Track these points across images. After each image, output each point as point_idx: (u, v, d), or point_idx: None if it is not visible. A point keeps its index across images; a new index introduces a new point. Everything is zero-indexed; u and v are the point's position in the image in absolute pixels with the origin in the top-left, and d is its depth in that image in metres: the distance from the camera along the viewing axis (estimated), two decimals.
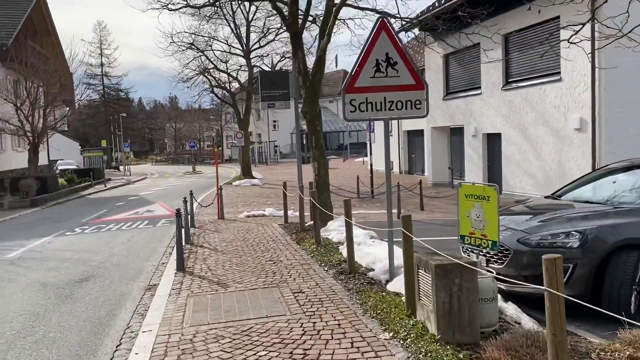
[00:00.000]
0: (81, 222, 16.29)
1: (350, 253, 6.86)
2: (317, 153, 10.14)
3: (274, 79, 11.31)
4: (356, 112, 6.05)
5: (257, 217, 14.21)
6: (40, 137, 25.80)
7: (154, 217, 16.58)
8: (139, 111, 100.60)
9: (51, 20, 32.63)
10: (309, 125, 10.14)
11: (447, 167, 24.08)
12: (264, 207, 17.05)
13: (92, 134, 71.97)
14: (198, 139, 77.41)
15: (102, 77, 68.03)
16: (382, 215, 14.17)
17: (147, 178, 43.07)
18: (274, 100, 11.35)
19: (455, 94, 22.10)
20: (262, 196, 21.95)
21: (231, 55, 31.61)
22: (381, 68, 6.00)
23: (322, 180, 10.15)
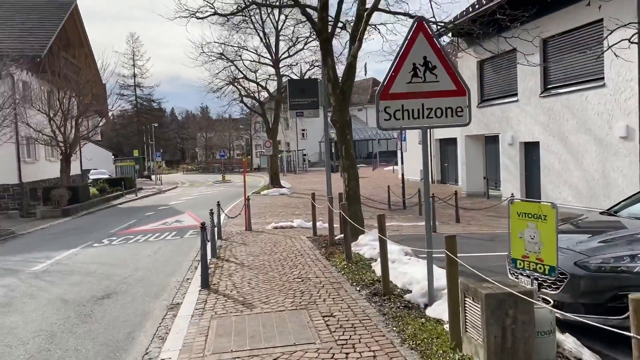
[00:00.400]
0: (110, 232, 16.19)
1: (385, 273, 6.36)
2: (347, 163, 9.67)
3: (303, 87, 10.93)
4: (391, 121, 5.58)
5: (285, 229, 13.80)
6: (72, 147, 26.06)
7: (182, 227, 16.36)
8: (171, 121, 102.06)
9: (84, 31, 33.17)
10: (339, 134, 9.70)
11: (482, 177, 23.27)
12: (292, 218, 16.64)
13: (125, 144, 73.19)
14: (228, 148, 77.89)
15: (134, 87, 69.21)
16: (416, 228, 13.59)
17: (178, 187, 43.31)
18: (302, 108, 10.97)
19: (490, 101, 21.36)
20: (290, 206, 21.59)
21: (260, 64, 31.58)
22: (419, 73, 5.52)
23: (352, 192, 9.68)
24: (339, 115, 9.59)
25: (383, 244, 6.28)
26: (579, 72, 16.33)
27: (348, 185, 9.68)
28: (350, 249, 8.46)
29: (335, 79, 9.63)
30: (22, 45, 25.01)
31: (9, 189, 25.14)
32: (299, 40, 30.94)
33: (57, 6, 29.97)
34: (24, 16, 28.26)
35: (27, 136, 25.36)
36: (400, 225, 14.29)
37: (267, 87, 31.58)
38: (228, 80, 30.49)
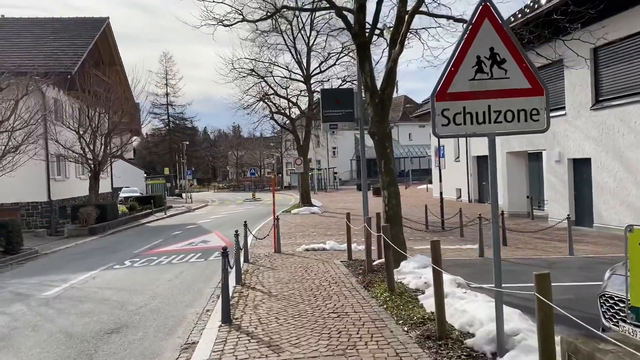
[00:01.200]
0: (134, 253, 15.47)
1: (441, 313, 5.25)
2: (387, 180, 8.64)
3: (338, 97, 10.01)
4: (450, 127, 4.54)
5: (316, 252, 12.78)
6: (101, 165, 25.73)
7: (207, 248, 15.51)
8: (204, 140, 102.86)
9: (116, 49, 33.22)
10: (378, 148, 8.69)
11: (526, 196, 21.85)
12: (324, 239, 15.61)
13: (157, 162, 73.76)
14: (259, 166, 77.68)
15: (167, 106, 69.84)
16: (461, 253, 12.37)
17: (208, 205, 42.83)
18: (336, 120, 10.02)
19: None
20: (321, 226, 20.57)
21: (291, 81, 30.95)
22: (484, 67, 4.49)
23: (393, 212, 8.63)
24: (377, 126, 8.60)
25: (438, 276, 5.19)
26: (635, 81, 14.98)
27: (388, 205, 8.63)
28: (392, 278, 7.37)
29: (373, 87, 8.67)
30: (52, 62, 24.96)
31: (37, 206, 24.90)
32: (330, 55, 30.24)
33: (89, 24, 30.08)
34: (56, 34, 28.40)
35: (57, 153, 25.13)
36: (442, 248, 13.07)
37: (298, 103, 30.92)
38: (259, 97, 29.94)
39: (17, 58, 24.45)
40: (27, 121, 17.20)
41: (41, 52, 26.07)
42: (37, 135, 18.92)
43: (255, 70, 29.21)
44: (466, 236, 15.76)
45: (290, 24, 29.56)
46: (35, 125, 18.16)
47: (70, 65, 25.14)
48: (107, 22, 30.78)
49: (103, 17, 31.00)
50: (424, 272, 7.78)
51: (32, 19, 30.65)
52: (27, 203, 24.67)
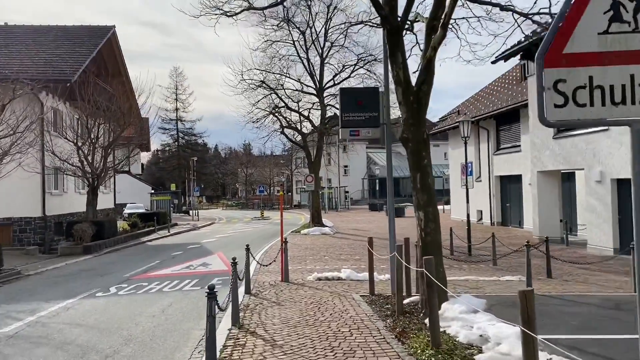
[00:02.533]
0: (124, 277, 13.76)
1: None
2: (423, 198, 6.87)
3: (359, 98, 8.30)
4: (568, 108, 2.79)
5: (330, 281, 10.96)
6: (100, 179, 24.16)
7: (207, 273, 13.75)
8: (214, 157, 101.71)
9: (122, 60, 31.96)
10: (412, 158, 6.94)
11: (559, 220, 19.89)
12: (339, 265, 13.80)
13: (166, 178, 72.43)
14: (268, 184, 76.09)
15: (176, 121, 68.64)
16: (501, 286, 10.47)
17: (215, 223, 41.14)
18: (358, 126, 8.30)
19: (570, 131, 18.19)
20: (334, 248, 18.74)
21: (303, 94, 29.40)
22: (624, 14, 2.77)
23: (431, 239, 6.84)
24: (412, 130, 6.87)
25: (528, 349, 3.36)
26: None
27: (425, 230, 6.84)
28: (438, 329, 5.52)
29: (407, 82, 6.97)
30: (52, 69, 23.62)
31: (31, 222, 23.31)
32: (345, 67, 28.71)
33: (94, 33, 28.86)
34: (59, 42, 27.16)
35: (54, 166, 23.63)
36: (476, 279, 11.20)
37: (309, 117, 29.31)
38: (269, 110, 28.36)
39: (15, 65, 23.14)
40: (14, 128, 15.66)
41: (41, 60, 24.77)
42: (27, 144, 17.37)
43: (265, 82, 27.71)
44: (499, 264, 13.85)
45: (304, 34, 28.16)
46: (24, 132, 16.61)
47: (71, 73, 23.77)
48: (112, 31, 29.54)
49: (109, 26, 29.79)
50: (475, 319, 5.96)
51: (36, 27, 29.49)
52: (20, 218, 23.11)
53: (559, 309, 7.95)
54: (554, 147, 18.97)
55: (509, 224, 27.25)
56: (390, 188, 8.70)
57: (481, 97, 32.61)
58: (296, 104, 29.18)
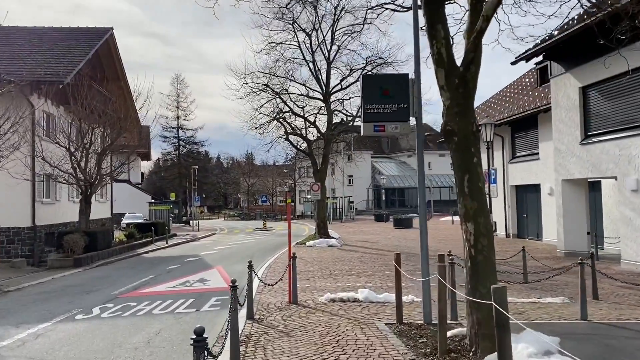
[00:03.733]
0: (112, 294, 12.32)
1: None
2: (473, 206, 5.41)
3: (386, 86, 6.89)
4: None
5: (346, 303, 9.47)
6: (93, 187, 22.76)
7: (204, 291, 12.29)
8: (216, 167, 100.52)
9: (121, 64, 30.68)
10: (458, 155, 5.49)
11: (586, 232, 18.38)
12: (352, 283, 12.33)
13: (167, 188, 71.12)
14: (271, 194, 74.70)
15: (177, 129, 67.37)
16: (546, 309, 8.97)
17: (215, 234, 39.74)
18: (384, 120, 6.89)
19: (600, 135, 16.74)
20: (343, 262, 17.26)
21: (308, 99, 28.04)
22: None
23: (483, 259, 5.37)
24: (458, 120, 5.44)
25: None
26: None
27: (475, 247, 5.37)
28: None
29: (451, 62, 5.57)
30: (44, 71, 22.31)
31: (19, 232, 21.87)
32: (353, 71, 27.37)
33: (90, 35, 27.60)
34: (54, 43, 25.90)
35: (45, 173, 22.24)
36: (514, 302, 9.69)
37: (315, 123, 27.89)
38: (272, 115, 27.00)
39: (3, 65, 21.86)
40: None
41: (34, 61, 23.48)
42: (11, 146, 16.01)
43: (269, 85, 26.38)
44: (531, 281, 12.32)
45: (309, 36, 26.88)
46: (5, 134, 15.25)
47: (64, 74, 22.45)
48: (110, 33, 28.29)
49: (106, 28, 28.55)
50: None
51: (30, 29, 28.25)
52: (8, 228, 21.67)
53: (633, 344, 6.47)
54: (581, 154, 17.51)
55: (525, 236, 25.79)
56: (422, 195, 7.25)
57: (493, 104, 31.26)
58: (301, 109, 27.85)
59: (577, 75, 17.64)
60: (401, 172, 69.41)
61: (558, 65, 18.81)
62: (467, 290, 5.51)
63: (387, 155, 74.69)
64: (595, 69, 16.64)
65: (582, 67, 17.27)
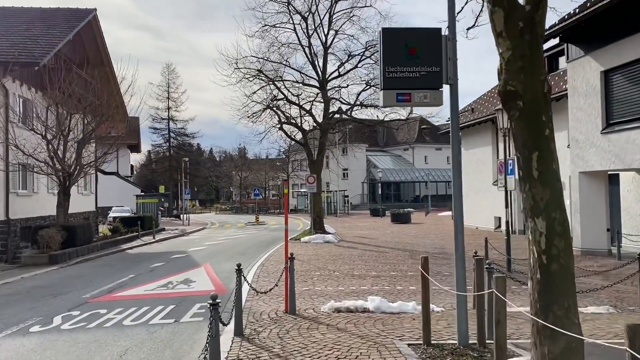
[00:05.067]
0: (82, 298, 10.77)
1: None
2: (545, 195, 3.83)
3: (412, 43, 5.36)
4: None
5: (354, 314, 7.96)
6: (72, 178, 21.09)
7: (187, 294, 10.75)
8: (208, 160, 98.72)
9: (105, 48, 28.87)
10: (524, 125, 3.88)
11: (605, 229, 16.99)
12: (355, 286, 10.83)
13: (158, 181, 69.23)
14: (264, 188, 73.02)
15: (168, 121, 65.29)
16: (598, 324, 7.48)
17: (206, 228, 38.19)
18: (409, 87, 5.38)
19: (624, 124, 15.31)
20: (343, 260, 15.77)
21: (304, 87, 26.41)
22: None
23: (558, 268, 3.82)
24: (524, 78, 3.88)
25: None
26: None
27: (547, 251, 3.81)
28: None
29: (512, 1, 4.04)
30: (19, 52, 20.55)
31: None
32: (351, 57, 25.78)
33: (72, 15, 25.81)
34: (31, 23, 24.10)
35: (19, 162, 20.54)
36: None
37: (311, 111, 26.31)
38: (266, 103, 25.37)
39: None
40: None
41: (8, 42, 21.72)
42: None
43: (262, 71, 24.74)
44: None
45: (305, 19, 25.25)
46: None
47: (40, 55, 20.69)
48: (93, 14, 26.49)
49: (89, 9, 26.75)
50: None
51: (7, 8, 26.41)
52: None
53: None
54: (603, 144, 16.07)
55: None
56: (455, 182, 5.72)
57: (491, 97, 29.83)
58: (296, 97, 26.22)
59: (599, 57, 16.17)
60: (397, 165, 67.99)
61: (576, 48, 17.35)
62: (535, 309, 4.00)
63: (382, 148, 73.25)
64: (621, 50, 15.23)
65: (605, 49, 15.80)
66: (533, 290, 4.07)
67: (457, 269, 5.43)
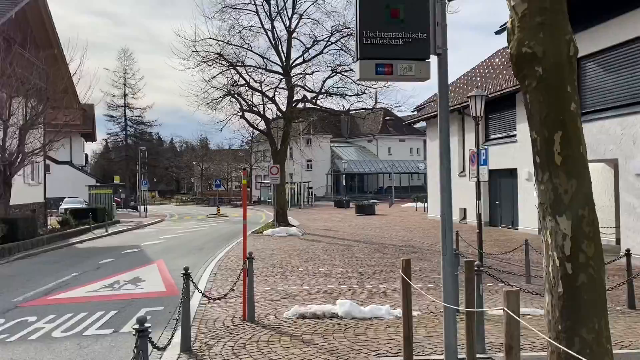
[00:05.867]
0: (12, 302, 9.51)
1: None
2: (570, 186, 2.96)
3: (394, 4, 4.44)
4: None
5: (321, 321, 7.02)
6: (13, 166, 19.41)
7: (134, 297, 9.61)
8: (169, 150, 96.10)
9: (54, 31, 26.91)
10: (544, 94, 3.01)
11: None
12: (322, 284, 9.92)
13: (114, 171, 66.64)
14: (226, 179, 71.35)
15: (124, 108, 62.69)
16: None
17: (164, 220, 36.64)
18: (391, 56, 4.46)
19: (597, 113, 14.88)
20: (307, 255, 14.85)
21: (267, 72, 25.22)
22: None
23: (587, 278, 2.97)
24: (543, 38, 3.00)
25: None
26: None
27: (574, 258, 2.97)
28: None
29: None
30: None
31: None
32: (316, 42, 24.75)
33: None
34: None
35: None
36: (534, 313, 7.49)
37: (275, 99, 25.14)
38: (226, 89, 24.07)
39: None
40: None
41: None
42: None
43: (222, 55, 23.43)
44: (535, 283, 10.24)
45: (268, 2, 24.06)
46: None
47: None
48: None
49: None
50: None
51: None
52: None
53: None
54: None
55: (498, 224, 24.10)
56: (445, 173, 4.83)
57: (464, 83, 29.42)
58: (259, 84, 25.04)
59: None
60: (361, 157, 67.49)
61: None
62: (555, 332, 3.14)
63: (346, 139, 72.60)
64: (594, 37, 14.75)
65: (578, 36, 15.25)
66: (553, 308, 3.21)
67: (445, 275, 4.56)
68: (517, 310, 3.19)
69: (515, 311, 3.17)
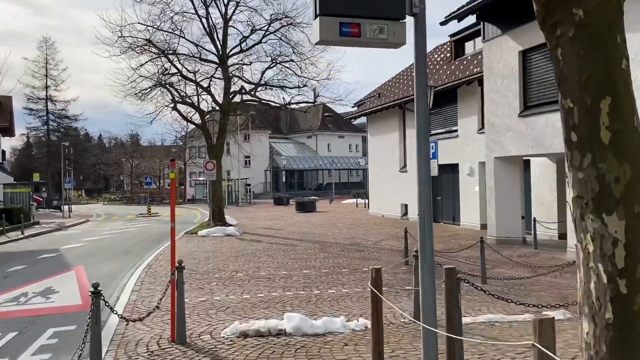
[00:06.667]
0: None
1: None
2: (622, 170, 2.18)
3: None
4: None
5: (267, 341, 5.94)
6: None
7: (40, 314, 8.13)
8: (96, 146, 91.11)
9: None
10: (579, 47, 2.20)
11: (520, 217, 16.42)
12: (264, 293, 8.83)
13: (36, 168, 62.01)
14: (158, 177, 68.27)
15: (46, 100, 58.30)
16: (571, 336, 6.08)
17: (90, 221, 34.14)
18: (358, 14, 3.49)
19: (543, 106, 14.61)
20: (247, 258, 13.67)
21: (201, 62, 23.68)
22: None
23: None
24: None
25: None
26: None
27: (631, 269, 2.18)
28: None
29: None
30: None
31: None
32: (254, 30, 23.48)
33: None
34: None
35: None
36: (502, 320, 6.75)
37: (210, 89, 23.65)
38: (156, 79, 22.33)
39: None
40: None
41: None
42: None
43: (152, 41, 21.70)
44: (490, 284, 9.61)
45: None
46: None
47: None
48: None
49: None
50: None
51: None
52: None
53: None
54: (520, 127, 15.33)
55: (440, 219, 23.83)
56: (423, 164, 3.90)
57: (403, 79, 29.12)
58: (192, 74, 23.46)
59: (518, 37, 15.38)
60: (300, 153, 66.59)
61: (493, 27, 16.52)
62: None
63: (285, 135, 71.44)
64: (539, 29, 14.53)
65: (523, 28, 14.97)
66: (597, 341, 2.33)
67: (424, 288, 3.65)
68: (553, 345, 2.28)
69: (550, 347, 2.25)
